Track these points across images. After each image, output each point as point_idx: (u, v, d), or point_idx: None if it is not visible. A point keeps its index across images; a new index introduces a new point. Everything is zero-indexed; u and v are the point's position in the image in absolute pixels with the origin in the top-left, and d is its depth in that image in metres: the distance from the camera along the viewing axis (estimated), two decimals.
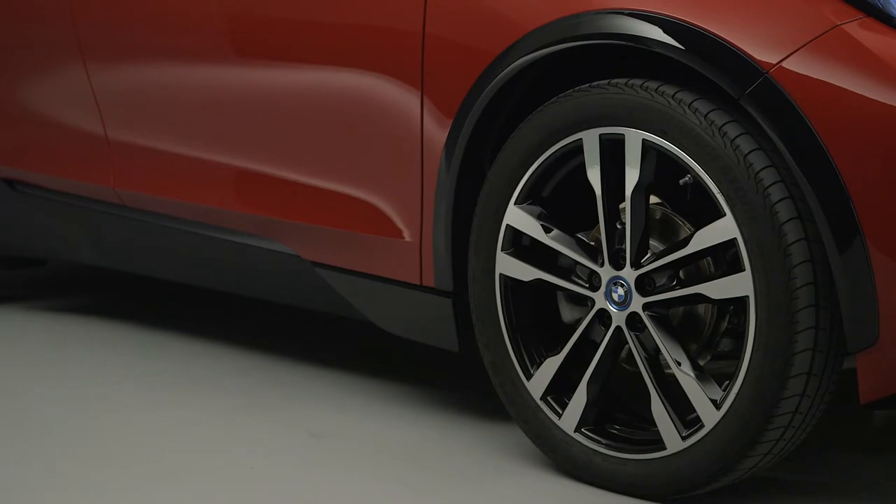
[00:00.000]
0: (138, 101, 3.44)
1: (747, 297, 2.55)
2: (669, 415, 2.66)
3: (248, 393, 3.28)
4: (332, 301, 3.18)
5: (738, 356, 2.58)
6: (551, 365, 2.79)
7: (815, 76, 2.47)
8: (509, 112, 2.87)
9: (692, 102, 2.59)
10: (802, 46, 2.48)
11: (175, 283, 3.71)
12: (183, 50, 3.33)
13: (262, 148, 3.23)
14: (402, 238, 3.00)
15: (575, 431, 2.77)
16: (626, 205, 2.68)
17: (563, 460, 2.80)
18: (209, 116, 3.30)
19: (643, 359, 2.69)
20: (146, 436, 3.02)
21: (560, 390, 2.80)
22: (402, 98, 2.94)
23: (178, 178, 3.39)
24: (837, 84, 2.45)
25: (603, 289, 2.73)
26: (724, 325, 2.70)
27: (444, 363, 3.44)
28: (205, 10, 3.28)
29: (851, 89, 2.44)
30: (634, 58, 2.71)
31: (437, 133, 2.89)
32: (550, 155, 2.75)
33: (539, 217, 2.79)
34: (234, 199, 3.30)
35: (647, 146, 2.64)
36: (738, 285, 2.56)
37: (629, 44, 2.62)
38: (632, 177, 2.66)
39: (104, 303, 3.99)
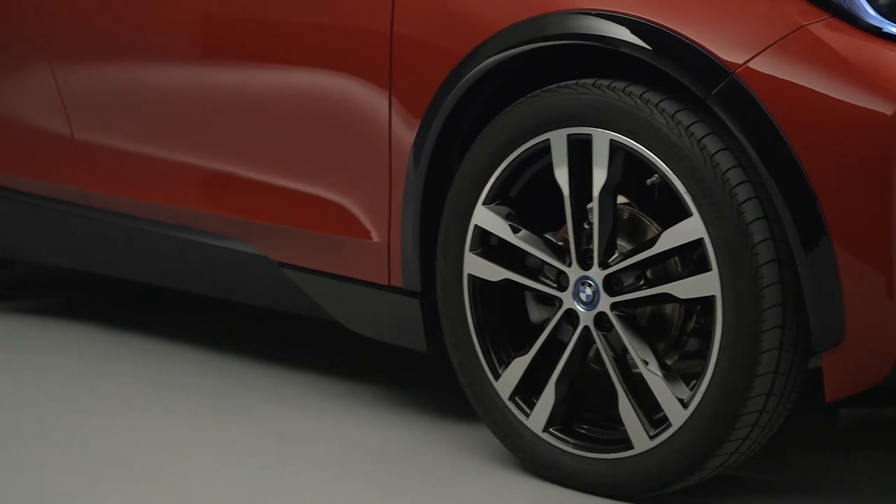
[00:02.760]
0: (105, 101, 3.43)
1: (714, 296, 2.56)
2: (637, 414, 2.67)
3: (216, 394, 3.27)
4: (300, 302, 3.18)
5: (706, 355, 2.59)
6: (519, 365, 2.80)
7: (781, 76, 2.48)
8: (478, 112, 2.87)
9: (659, 103, 2.60)
10: (768, 47, 2.49)
11: (143, 285, 3.70)
12: (150, 50, 3.32)
13: (230, 148, 3.22)
14: (371, 239, 3.00)
15: (543, 431, 2.77)
16: (594, 205, 2.68)
17: (532, 460, 2.81)
18: (176, 117, 3.29)
19: (611, 358, 2.70)
20: (115, 438, 3.01)
21: (528, 390, 2.80)
22: (369, 98, 2.94)
23: (145, 179, 3.38)
24: (803, 84, 2.46)
25: (571, 289, 2.73)
26: (692, 324, 2.71)
27: (413, 364, 3.44)
28: (173, 10, 3.27)
29: (817, 89, 2.46)
30: (605, 58, 2.72)
31: (406, 133, 2.89)
32: (518, 155, 2.76)
33: (507, 217, 2.79)
34: (201, 199, 3.29)
35: (614, 146, 2.64)
36: (705, 285, 2.57)
37: (596, 44, 2.63)
38: (599, 177, 2.67)
39: (71, 304, 3.98)
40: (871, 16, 2.47)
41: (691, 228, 2.57)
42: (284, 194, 3.14)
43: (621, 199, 2.74)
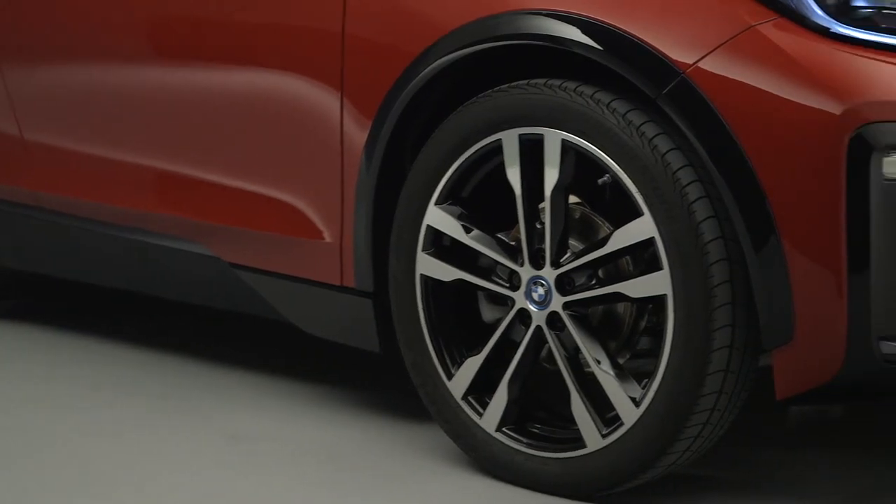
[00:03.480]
0: (56, 102, 3.40)
1: (665, 295, 2.57)
2: (589, 413, 2.68)
3: (167, 396, 3.26)
4: (253, 303, 3.17)
5: (657, 354, 2.61)
6: (472, 365, 2.80)
7: (730, 76, 2.49)
8: (430, 112, 2.87)
9: (610, 102, 2.61)
10: (718, 47, 2.51)
11: (94, 286, 3.68)
12: (101, 50, 3.30)
13: (181, 149, 3.21)
14: (323, 239, 3.00)
15: (496, 431, 2.78)
16: (546, 205, 2.69)
17: (485, 460, 2.81)
18: (128, 118, 3.27)
19: (563, 358, 2.70)
20: (65, 440, 2.99)
21: (481, 390, 2.80)
22: (321, 99, 2.93)
23: (96, 180, 3.36)
24: (752, 84, 2.48)
25: (523, 288, 2.74)
26: (643, 323, 2.72)
27: (365, 364, 3.43)
28: (123, 10, 3.25)
29: (766, 89, 2.47)
30: (558, 58, 2.72)
31: (357, 134, 2.89)
32: (470, 155, 2.76)
33: (459, 217, 2.79)
34: (153, 201, 3.28)
35: (566, 146, 2.65)
36: (656, 284, 2.58)
37: (547, 44, 2.63)
38: (551, 177, 2.67)
39: (21, 307, 3.95)
40: (819, 16, 2.49)
41: (642, 228, 2.58)
42: (237, 195, 3.13)
43: (573, 199, 2.75)
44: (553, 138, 2.66)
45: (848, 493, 2.80)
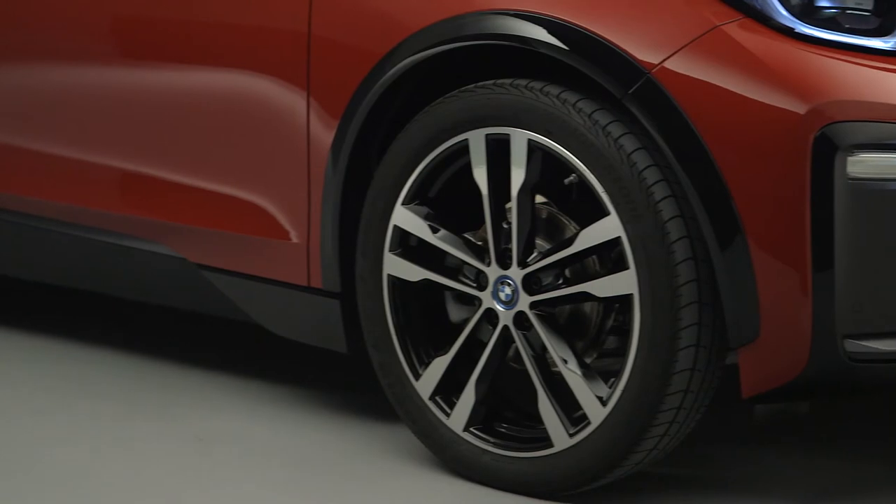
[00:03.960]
0: (15, 102, 3.38)
1: (632, 294, 2.58)
2: (556, 412, 2.68)
3: (132, 397, 3.24)
4: (220, 304, 3.16)
5: (624, 353, 2.61)
6: (439, 365, 2.80)
7: (695, 76, 2.50)
8: (397, 112, 2.87)
9: (576, 102, 2.61)
10: (683, 47, 2.52)
11: (55, 287, 3.66)
12: (63, 50, 3.29)
13: (147, 150, 3.20)
14: (289, 240, 2.99)
15: (464, 431, 2.78)
16: (513, 204, 2.70)
17: (453, 460, 2.81)
18: (91, 117, 3.25)
19: (530, 357, 2.71)
20: (27, 443, 2.98)
21: (448, 390, 2.81)
22: (288, 99, 2.93)
23: (59, 181, 3.34)
24: (717, 84, 2.49)
25: (490, 288, 2.74)
26: (610, 322, 2.73)
27: (333, 365, 3.43)
28: (85, 10, 3.23)
29: (731, 89, 2.48)
30: (525, 58, 2.73)
31: (324, 134, 2.88)
32: (437, 155, 2.76)
33: (426, 217, 2.79)
34: (118, 201, 3.26)
35: (532, 146, 2.66)
36: (622, 283, 2.59)
37: (513, 44, 2.64)
38: (518, 176, 2.68)
39: None
40: (784, 16, 2.50)
41: (609, 227, 2.59)
42: (203, 196, 3.12)
43: (540, 199, 2.76)
44: (519, 138, 2.66)
45: (811, 492, 2.81)
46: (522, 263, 2.70)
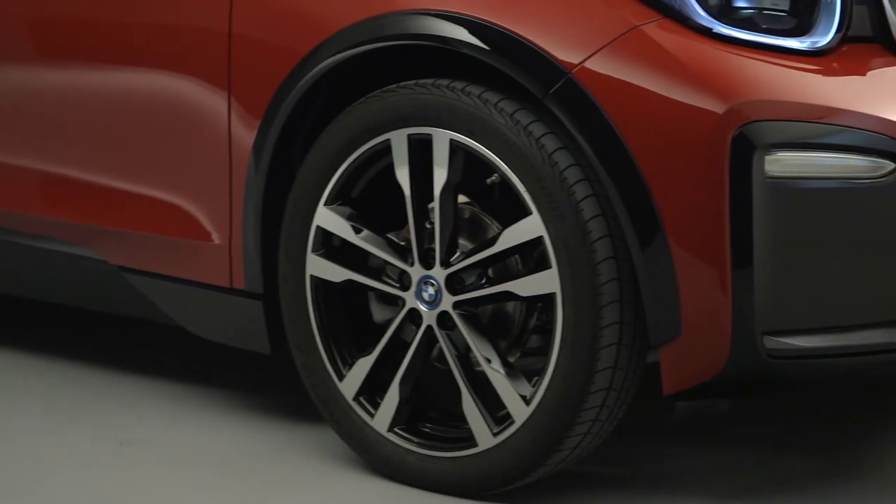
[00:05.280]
0: None
1: (554, 293, 2.59)
2: (480, 412, 2.69)
3: (53, 400, 3.21)
4: (142, 306, 3.14)
5: (547, 352, 2.62)
6: (363, 365, 2.80)
7: (616, 76, 2.52)
8: (320, 112, 2.86)
9: (498, 102, 2.62)
10: (603, 47, 2.53)
11: None
12: None
13: (68, 151, 3.17)
14: (211, 241, 2.97)
15: (388, 431, 2.78)
16: (435, 204, 2.70)
17: (377, 460, 2.81)
18: (10, 119, 3.22)
19: (454, 357, 2.71)
20: None
21: (372, 390, 2.80)
22: (208, 99, 2.91)
23: None
24: (637, 83, 2.51)
25: (413, 288, 2.74)
26: (533, 321, 2.74)
27: (257, 367, 3.41)
28: (5, 10, 3.20)
29: (651, 88, 2.50)
30: (449, 58, 2.73)
31: (245, 134, 2.87)
32: (359, 155, 2.76)
33: (349, 218, 2.79)
34: (39, 204, 3.23)
35: (454, 146, 2.66)
36: (545, 282, 2.60)
37: (434, 44, 2.64)
38: (440, 176, 2.68)
39: None
40: (702, 17, 2.52)
41: (531, 227, 2.60)
42: (124, 197, 3.09)
43: (462, 199, 2.76)
44: (441, 138, 2.66)
45: (732, 487, 2.84)
46: (445, 263, 2.70)
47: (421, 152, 2.70)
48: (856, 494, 2.78)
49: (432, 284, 2.72)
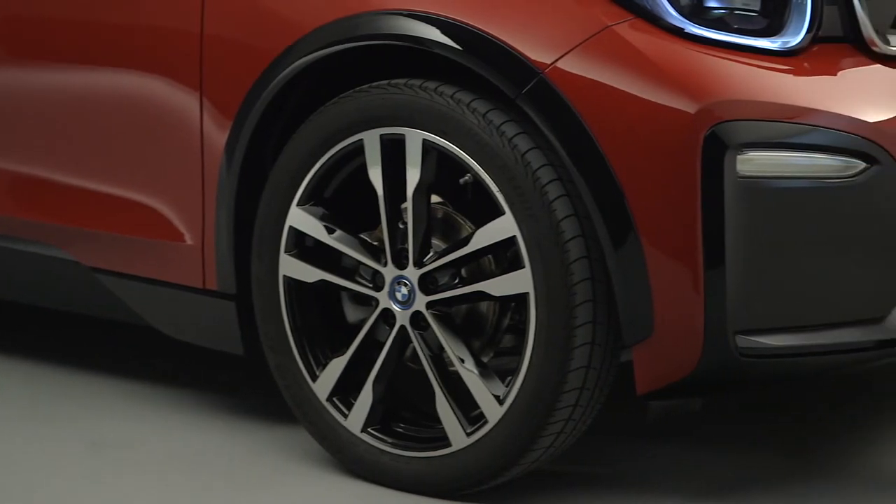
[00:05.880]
0: None
1: (527, 293, 2.59)
2: (454, 411, 2.69)
3: (25, 402, 3.20)
4: (115, 307, 3.13)
5: (520, 352, 2.63)
6: (337, 366, 2.79)
7: (588, 76, 2.52)
8: (292, 113, 2.86)
9: (470, 102, 2.62)
10: (575, 47, 2.54)
11: None
12: None
13: (40, 152, 3.15)
14: (184, 242, 2.97)
15: (361, 431, 2.78)
16: (408, 204, 2.70)
17: (351, 461, 2.81)
18: None
19: (427, 357, 2.71)
20: None
21: (346, 391, 2.80)
22: (180, 99, 2.90)
23: None
24: (609, 83, 2.51)
25: (386, 288, 2.74)
26: (506, 321, 2.74)
27: (230, 367, 3.41)
28: None
29: (623, 88, 2.50)
30: (422, 59, 2.73)
31: (218, 135, 2.86)
32: (332, 155, 2.75)
33: (322, 218, 2.78)
34: (10, 204, 3.22)
35: (427, 146, 2.66)
36: (518, 282, 2.60)
37: (406, 44, 2.64)
38: (413, 177, 2.68)
39: None
40: (674, 17, 2.53)
41: (504, 226, 2.60)
42: (96, 198, 3.08)
43: (435, 199, 2.76)
44: (414, 138, 2.66)
45: (704, 486, 2.85)
46: (419, 263, 2.70)
47: (394, 152, 2.70)
48: (827, 493, 2.79)
49: (405, 284, 2.72)
